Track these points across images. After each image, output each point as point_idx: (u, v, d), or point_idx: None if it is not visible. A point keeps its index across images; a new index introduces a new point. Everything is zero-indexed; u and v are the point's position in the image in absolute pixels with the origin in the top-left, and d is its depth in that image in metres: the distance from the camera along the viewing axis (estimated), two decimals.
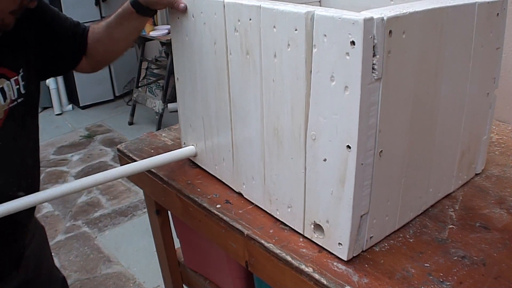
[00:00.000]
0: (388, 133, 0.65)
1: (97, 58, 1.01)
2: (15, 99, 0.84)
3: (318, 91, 0.63)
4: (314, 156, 0.67)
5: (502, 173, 0.93)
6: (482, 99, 0.85)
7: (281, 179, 0.75)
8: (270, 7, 0.67)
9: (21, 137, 0.88)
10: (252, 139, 0.79)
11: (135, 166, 0.89)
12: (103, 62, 1.04)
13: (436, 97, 0.73)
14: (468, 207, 0.82)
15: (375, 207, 0.68)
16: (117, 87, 4.14)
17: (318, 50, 0.61)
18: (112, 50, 1.01)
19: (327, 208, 0.68)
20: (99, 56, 1.01)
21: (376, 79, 0.59)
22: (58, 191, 0.82)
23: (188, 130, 0.97)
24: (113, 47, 1.00)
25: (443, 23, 0.68)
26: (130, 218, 2.47)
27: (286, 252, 0.71)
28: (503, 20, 0.82)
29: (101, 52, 1.00)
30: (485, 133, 0.90)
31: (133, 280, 2.03)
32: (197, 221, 0.89)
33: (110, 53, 1.02)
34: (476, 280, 0.64)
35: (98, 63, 1.03)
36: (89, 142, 3.39)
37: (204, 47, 0.83)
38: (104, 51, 1.00)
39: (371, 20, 0.56)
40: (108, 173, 0.85)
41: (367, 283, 0.64)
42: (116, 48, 1.01)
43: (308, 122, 0.66)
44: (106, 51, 1.00)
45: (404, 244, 0.72)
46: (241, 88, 0.77)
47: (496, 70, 0.86)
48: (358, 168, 0.62)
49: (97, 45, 0.99)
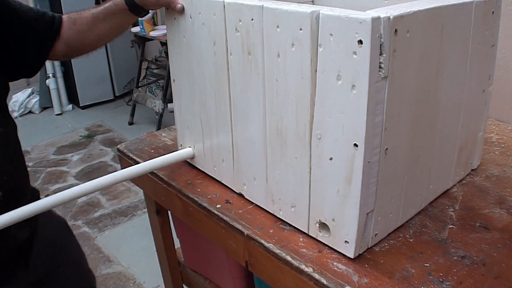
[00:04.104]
0: (393, 131, 0.65)
1: (74, 47, 0.96)
2: None
3: (324, 90, 0.63)
4: (320, 155, 0.67)
5: (502, 173, 0.93)
6: (478, 96, 0.87)
7: (284, 179, 0.75)
8: (274, 7, 0.67)
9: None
10: (254, 139, 0.79)
11: (127, 172, 0.87)
12: (78, 52, 1.00)
13: (437, 95, 0.73)
14: (468, 207, 0.82)
15: (380, 204, 0.68)
16: (117, 87, 4.14)
17: (324, 49, 0.61)
18: (92, 43, 0.97)
19: (333, 206, 0.68)
20: (76, 46, 0.96)
21: (382, 78, 0.59)
22: (54, 200, 0.80)
23: (185, 131, 0.97)
24: (95, 40, 0.96)
25: (444, 21, 0.69)
26: (130, 218, 2.47)
27: (286, 252, 0.71)
28: (498, 18, 0.83)
29: (79, 43, 0.95)
30: (481, 129, 0.91)
31: (133, 280, 2.03)
32: (197, 221, 0.89)
33: (88, 45, 0.98)
34: (476, 280, 0.64)
35: (73, 52, 0.99)
36: (89, 142, 3.39)
37: (203, 47, 0.83)
38: (83, 42, 0.96)
39: (378, 19, 0.56)
40: (99, 180, 0.83)
41: (367, 283, 0.64)
42: (97, 41, 0.97)
43: (313, 121, 0.66)
44: (85, 43, 0.96)
45: (404, 244, 0.72)
46: (242, 88, 0.77)
47: (491, 67, 0.87)
48: (365, 166, 0.62)
49: (76, 36, 0.94)
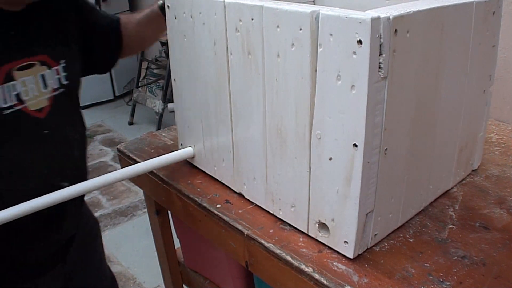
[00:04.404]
0: (393, 131, 0.65)
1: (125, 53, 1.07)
2: (57, 89, 0.85)
3: (324, 90, 0.63)
4: (319, 155, 0.67)
5: (502, 173, 0.93)
6: (479, 96, 0.87)
7: (284, 179, 0.75)
8: (274, 7, 0.66)
9: (67, 128, 0.89)
10: (254, 139, 0.79)
11: (127, 171, 0.87)
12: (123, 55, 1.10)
13: (437, 95, 0.73)
14: (468, 207, 0.82)
15: (380, 204, 0.68)
16: (117, 87, 4.14)
17: (324, 49, 0.61)
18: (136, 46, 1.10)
19: (332, 206, 0.68)
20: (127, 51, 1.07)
21: (382, 78, 0.59)
22: (53, 198, 0.78)
23: (186, 131, 0.97)
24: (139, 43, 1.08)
25: (444, 22, 0.69)
26: (130, 218, 2.47)
27: (286, 252, 0.71)
28: (499, 18, 0.83)
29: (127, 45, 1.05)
30: (481, 130, 0.91)
31: (133, 280, 2.03)
32: (197, 221, 0.89)
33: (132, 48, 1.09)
34: (476, 280, 0.64)
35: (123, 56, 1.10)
36: (89, 142, 3.39)
37: (203, 47, 0.83)
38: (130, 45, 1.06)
39: (378, 19, 0.56)
40: (99, 179, 0.83)
41: (367, 283, 0.64)
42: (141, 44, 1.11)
43: (313, 121, 0.66)
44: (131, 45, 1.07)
45: (404, 244, 0.72)
46: (242, 88, 0.77)
47: (492, 67, 0.87)
48: (365, 166, 0.62)
49: (127, 39, 1.04)
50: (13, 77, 0.77)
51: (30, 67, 0.79)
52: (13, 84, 0.77)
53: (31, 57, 0.80)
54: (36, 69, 0.80)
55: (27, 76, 0.79)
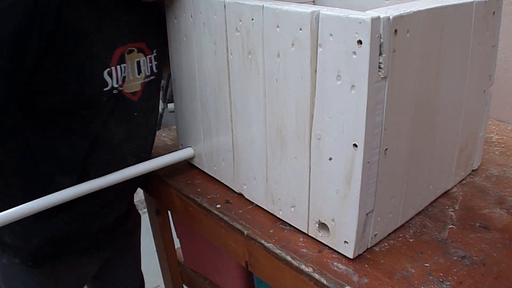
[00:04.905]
0: (393, 131, 0.65)
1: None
2: (148, 76, 0.89)
3: (324, 90, 0.63)
4: (319, 155, 0.67)
5: (502, 173, 0.93)
6: (479, 96, 0.87)
7: (284, 179, 0.75)
8: (274, 7, 0.66)
9: (150, 113, 0.93)
10: (254, 139, 0.79)
11: (126, 172, 0.87)
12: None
13: (437, 95, 0.73)
14: (468, 207, 0.82)
15: (380, 204, 0.68)
16: None
17: (324, 49, 0.61)
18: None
19: (332, 206, 0.68)
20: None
21: (382, 78, 0.59)
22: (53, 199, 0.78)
23: (186, 131, 0.97)
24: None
25: (444, 22, 0.69)
26: None
27: (286, 252, 0.71)
28: (499, 18, 0.83)
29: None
30: (481, 130, 0.91)
31: None
32: (197, 221, 0.89)
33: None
34: (476, 280, 0.64)
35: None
36: None
37: (203, 47, 0.83)
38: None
39: (378, 19, 0.56)
40: (99, 180, 0.83)
41: (367, 283, 0.64)
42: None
43: (313, 121, 0.66)
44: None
45: (404, 244, 0.72)
46: (242, 88, 0.77)
47: (492, 67, 0.87)
48: (365, 166, 0.62)
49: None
50: (124, 60, 0.82)
51: (130, 52, 0.84)
52: (124, 66, 0.82)
53: (134, 43, 0.85)
54: (135, 55, 0.85)
55: (129, 60, 0.84)
